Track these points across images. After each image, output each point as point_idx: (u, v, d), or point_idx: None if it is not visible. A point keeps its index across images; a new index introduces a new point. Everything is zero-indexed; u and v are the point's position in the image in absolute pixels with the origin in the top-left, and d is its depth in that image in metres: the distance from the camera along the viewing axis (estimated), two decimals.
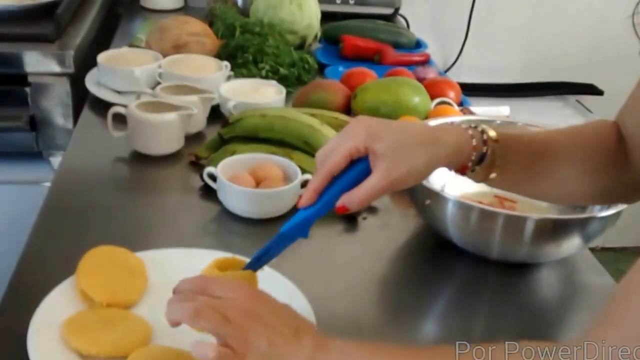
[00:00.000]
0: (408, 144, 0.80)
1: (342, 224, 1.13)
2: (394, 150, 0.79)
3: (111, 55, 1.49)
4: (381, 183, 0.79)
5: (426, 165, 0.81)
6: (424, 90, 1.36)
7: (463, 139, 0.84)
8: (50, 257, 0.99)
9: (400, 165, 0.79)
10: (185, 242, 1.01)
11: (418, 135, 0.82)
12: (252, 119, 1.23)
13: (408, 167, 0.80)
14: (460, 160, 0.84)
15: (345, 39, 1.74)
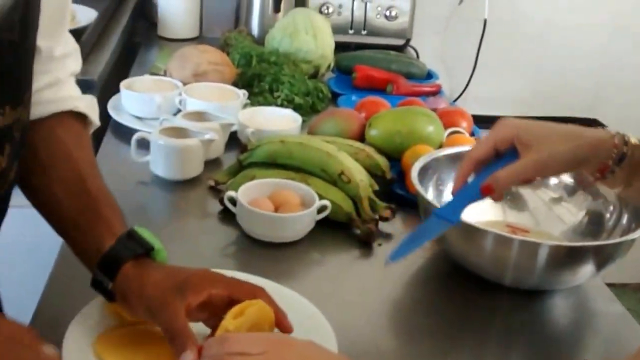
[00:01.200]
0: (553, 134, 0.86)
1: (357, 249, 1.15)
2: (539, 138, 0.85)
3: (133, 82, 1.54)
4: (526, 165, 0.84)
5: (569, 152, 0.85)
6: (437, 120, 1.38)
7: (605, 135, 0.87)
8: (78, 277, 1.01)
9: (544, 150, 0.85)
10: (206, 265, 1.01)
11: (562, 128, 0.87)
12: (271, 145, 1.26)
13: (552, 151, 0.85)
14: (601, 156, 0.86)
15: (358, 69, 1.78)
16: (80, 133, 0.98)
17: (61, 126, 0.94)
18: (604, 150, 0.87)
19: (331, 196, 1.18)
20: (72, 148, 0.93)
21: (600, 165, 0.87)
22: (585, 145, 0.86)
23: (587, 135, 0.87)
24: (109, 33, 1.87)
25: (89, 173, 0.92)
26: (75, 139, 0.95)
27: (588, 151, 0.86)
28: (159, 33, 2.07)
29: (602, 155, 0.87)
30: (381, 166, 1.31)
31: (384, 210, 1.21)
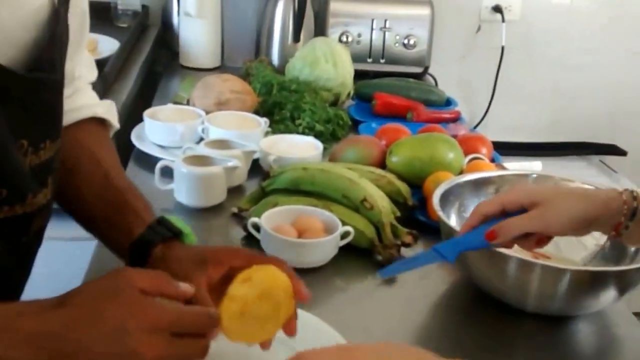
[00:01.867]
0: (562, 194, 0.88)
1: None
2: (548, 197, 0.87)
3: (156, 111, 1.56)
4: (531, 217, 0.86)
5: (578, 210, 0.87)
6: (458, 146, 1.39)
7: (614, 193, 0.89)
8: None
9: (552, 207, 0.86)
10: None
11: (572, 189, 0.90)
12: (294, 172, 1.27)
13: (560, 208, 0.86)
14: (612, 216, 0.87)
15: (378, 97, 1.80)
16: (102, 136, 1.02)
17: (83, 131, 0.98)
18: (614, 208, 0.88)
19: (354, 222, 1.19)
20: (96, 150, 0.97)
21: (613, 223, 0.88)
22: (595, 204, 0.88)
23: (597, 195, 0.89)
24: (131, 63, 1.90)
25: (114, 171, 0.96)
26: (97, 142, 0.99)
27: (598, 210, 0.88)
28: (181, 62, 2.10)
29: (613, 213, 0.88)
30: (403, 193, 1.31)
31: (406, 236, 1.21)
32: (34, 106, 0.76)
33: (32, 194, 0.77)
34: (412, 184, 1.35)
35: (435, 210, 1.11)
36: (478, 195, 1.22)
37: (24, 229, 0.79)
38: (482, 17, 2.48)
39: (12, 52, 0.74)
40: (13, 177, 0.73)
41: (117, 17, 2.12)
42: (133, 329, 0.65)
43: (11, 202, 0.74)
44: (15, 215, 0.75)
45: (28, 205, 0.76)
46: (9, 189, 0.73)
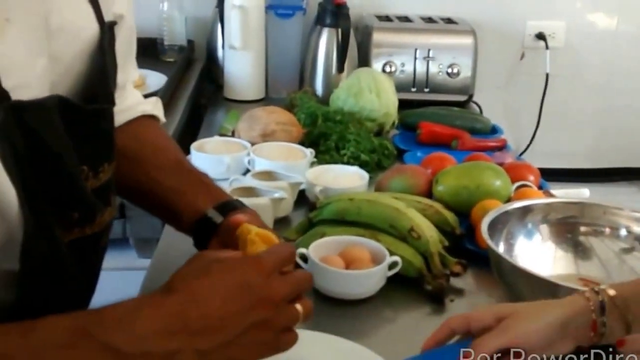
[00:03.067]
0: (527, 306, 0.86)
1: (429, 306, 1.15)
2: (514, 311, 0.85)
3: (203, 144, 1.58)
4: (502, 330, 0.83)
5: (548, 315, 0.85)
6: (504, 174, 1.38)
7: (575, 295, 0.87)
8: None
9: (521, 319, 0.84)
10: None
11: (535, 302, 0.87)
12: (340, 203, 1.27)
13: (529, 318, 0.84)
14: (582, 314, 0.85)
15: (423, 126, 1.79)
16: (157, 128, 1.08)
17: (139, 127, 1.03)
18: (581, 306, 0.86)
19: (401, 252, 1.19)
20: (158, 140, 1.04)
21: (588, 323, 0.85)
22: (563, 307, 0.86)
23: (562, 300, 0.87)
24: (178, 96, 1.94)
25: (183, 157, 1.03)
26: (156, 133, 1.05)
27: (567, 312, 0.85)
28: (225, 95, 2.12)
29: (582, 311, 0.85)
30: (450, 222, 1.30)
31: (455, 266, 1.20)
32: (92, 134, 0.79)
33: (100, 214, 0.80)
34: (460, 213, 1.34)
35: (484, 237, 1.10)
36: (525, 223, 1.21)
37: (93, 249, 0.82)
38: (526, 44, 2.46)
39: (71, 83, 0.78)
40: (82, 200, 0.77)
41: (163, 52, 2.16)
42: (254, 279, 0.68)
43: (82, 223, 0.77)
44: (85, 236, 0.79)
45: (97, 225, 0.80)
46: (80, 212, 0.76)
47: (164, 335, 0.64)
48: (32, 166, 0.69)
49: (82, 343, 0.63)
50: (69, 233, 0.76)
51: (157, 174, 0.99)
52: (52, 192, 0.72)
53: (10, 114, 0.67)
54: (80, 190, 0.76)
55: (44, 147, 0.71)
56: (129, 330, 0.64)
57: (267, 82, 2.14)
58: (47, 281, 0.73)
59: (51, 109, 0.72)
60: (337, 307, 1.13)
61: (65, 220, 0.75)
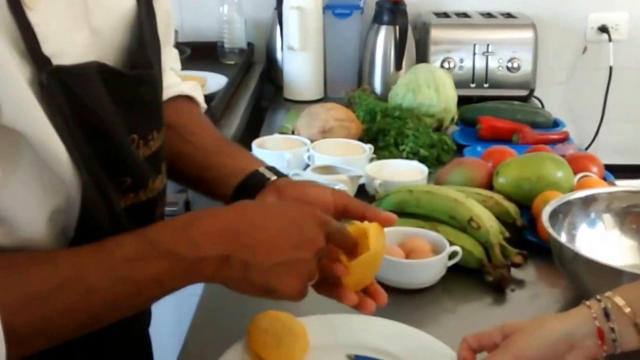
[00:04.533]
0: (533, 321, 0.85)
1: (490, 296, 1.15)
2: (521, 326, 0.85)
3: (264, 141, 1.61)
4: (506, 346, 0.83)
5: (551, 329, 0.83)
6: (566, 165, 1.36)
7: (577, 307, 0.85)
8: (219, 320, 1.06)
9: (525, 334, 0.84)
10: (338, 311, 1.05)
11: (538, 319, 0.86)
12: (399, 195, 1.28)
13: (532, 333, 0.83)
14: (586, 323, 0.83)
15: (483, 120, 1.78)
16: (196, 111, 1.09)
17: (178, 108, 1.04)
18: (584, 314, 0.84)
19: (461, 242, 1.19)
20: (199, 119, 1.06)
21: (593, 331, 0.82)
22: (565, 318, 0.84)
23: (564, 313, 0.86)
24: (238, 98, 1.97)
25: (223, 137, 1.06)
26: (195, 113, 1.08)
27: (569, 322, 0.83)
28: (285, 96, 2.15)
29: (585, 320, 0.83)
30: (511, 213, 1.30)
31: (516, 256, 1.20)
32: (138, 102, 0.82)
33: (152, 180, 0.83)
34: (521, 205, 1.33)
35: (545, 227, 1.09)
36: (588, 213, 1.19)
37: (149, 215, 0.85)
38: (588, 37, 2.42)
39: (112, 53, 0.81)
40: (133, 166, 0.79)
41: (224, 55, 2.20)
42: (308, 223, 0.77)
43: (135, 188, 0.80)
44: (140, 202, 0.82)
45: (150, 191, 0.83)
46: (132, 177, 0.79)
47: (217, 242, 0.73)
48: (83, 132, 0.72)
49: (147, 253, 0.71)
50: (124, 198, 0.80)
51: (198, 153, 1.01)
52: (103, 157, 0.75)
53: (54, 79, 0.69)
54: (130, 156, 0.79)
55: (89, 111, 0.73)
56: (187, 237, 0.72)
57: (326, 81, 2.16)
58: None
59: (92, 74, 0.74)
60: (397, 296, 1.13)
61: (119, 185, 0.78)
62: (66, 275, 0.69)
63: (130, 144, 0.80)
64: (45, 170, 0.70)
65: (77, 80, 0.72)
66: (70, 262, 0.70)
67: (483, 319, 1.10)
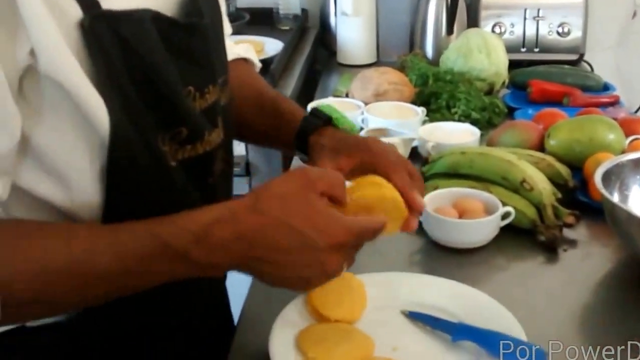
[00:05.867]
0: None
1: (542, 255, 1.17)
2: None
3: (319, 104, 1.63)
4: None
5: None
6: (618, 128, 1.38)
7: None
8: None
9: None
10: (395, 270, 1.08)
11: None
12: (452, 156, 1.31)
13: None
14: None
15: (534, 84, 1.80)
16: (249, 70, 1.14)
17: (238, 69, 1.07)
18: None
19: (514, 203, 1.22)
20: (244, 77, 1.09)
21: None
22: None
23: None
24: (294, 62, 2.02)
25: (264, 86, 1.10)
26: (245, 73, 1.11)
27: None
28: (338, 60, 2.19)
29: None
30: (563, 174, 1.32)
31: (568, 217, 1.22)
32: (192, 53, 0.82)
33: (208, 132, 0.84)
34: (572, 166, 1.35)
35: (598, 187, 1.11)
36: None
37: (207, 169, 0.87)
38: (638, 2, 2.39)
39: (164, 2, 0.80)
40: (189, 118, 0.80)
41: (279, 21, 2.25)
42: (322, 245, 0.73)
43: (192, 140, 0.81)
44: (198, 155, 0.83)
45: (206, 144, 0.84)
46: (187, 128, 0.80)
47: (229, 252, 0.72)
48: (131, 80, 0.72)
49: (160, 253, 0.71)
50: (181, 150, 0.80)
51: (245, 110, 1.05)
52: (155, 107, 0.75)
53: (103, 23, 0.68)
54: (185, 107, 0.79)
55: (140, 60, 0.72)
56: (201, 243, 0.71)
57: (379, 46, 2.19)
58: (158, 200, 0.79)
59: (146, 22, 0.73)
60: (451, 255, 1.17)
61: (175, 136, 0.79)
62: (76, 256, 0.69)
63: (186, 96, 0.80)
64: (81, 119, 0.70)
65: (128, 26, 0.71)
66: (83, 243, 0.71)
67: (535, 277, 1.13)
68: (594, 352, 0.95)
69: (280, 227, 0.72)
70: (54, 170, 0.73)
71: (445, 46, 1.93)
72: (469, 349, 0.91)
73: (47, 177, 0.73)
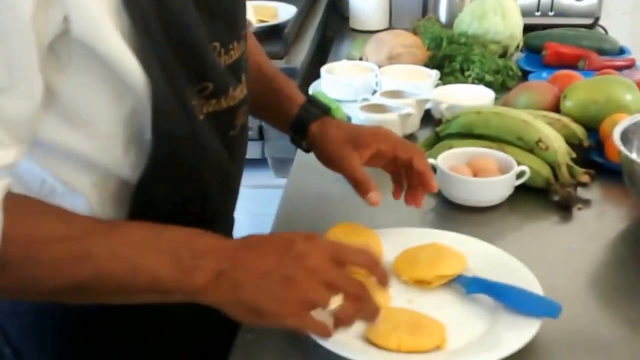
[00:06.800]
0: None
1: (556, 214, 1.17)
2: None
3: (332, 67, 1.64)
4: None
5: None
6: (636, 88, 1.36)
7: None
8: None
9: None
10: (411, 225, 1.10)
11: None
12: (467, 116, 1.30)
13: None
14: None
15: (549, 47, 1.78)
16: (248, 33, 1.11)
17: None
18: None
19: (529, 162, 1.21)
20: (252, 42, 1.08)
21: None
22: None
23: None
24: (307, 26, 2.01)
25: (262, 59, 1.11)
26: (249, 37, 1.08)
27: None
28: (351, 26, 2.18)
29: None
30: (578, 134, 1.31)
31: (583, 176, 1.22)
32: (219, 10, 0.84)
33: (232, 88, 0.87)
34: (587, 128, 1.35)
35: (616, 145, 1.10)
36: None
37: (230, 122, 0.90)
38: None
39: None
40: (215, 73, 0.83)
41: None
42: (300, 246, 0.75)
43: (217, 95, 0.84)
44: (222, 109, 0.86)
45: (230, 99, 0.87)
46: (214, 83, 0.83)
47: (214, 255, 0.74)
48: (166, 37, 0.75)
49: (151, 242, 0.74)
50: (206, 104, 0.83)
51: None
52: (185, 63, 0.78)
53: None
54: (212, 63, 0.83)
55: (173, 16, 0.75)
56: (192, 246, 0.74)
57: (391, 11, 2.17)
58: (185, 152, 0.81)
59: None
60: (465, 214, 1.18)
61: (201, 90, 0.82)
62: (71, 233, 0.72)
63: (212, 51, 0.83)
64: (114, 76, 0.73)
65: None
66: (80, 225, 0.73)
67: (549, 236, 1.13)
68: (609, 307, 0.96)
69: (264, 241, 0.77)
70: (79, 120, 0.75)
71: (459, 10, 1.90)
72: (483, 302, 0.91)
73: (72, 127, 0.76)
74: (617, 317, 0.94)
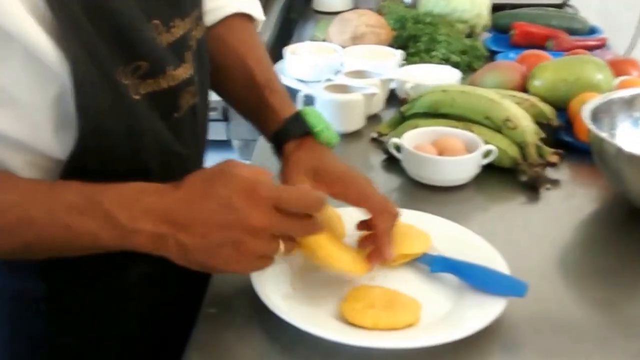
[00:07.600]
0: None
1: (524, 195, 1.14)
2: None
3: (296, 48, 1.60)
4: None
5: None
6: (606, 68, 1.33)
7: None
8: None
9: None
10: None
11: None
12: (433, 95, 1.26)
13: None
14: None
15: (517, 26, 1.74)
16: (248, 32, 1.07)
17: (229, 30, 1.03)
18: None
19: (496, 142, 1.17)
20: (241, 48, 1.03)
21: None
22: None
23: None
24: (269, 9, 1.96)
25: (257, 67, 1.02)
26: (243, 39, 1.04)
27: None
28: (315, 7, 2.14)
29: None
30: (547, 114, 1.28)
31: (551, 156, 1.19)
32: None
33: (173, 67, 0.82)
34: (557, 108, 1.31)
35: (586, 124, 1.06)
36: (630, 113, 1.16)
37: (173, 103, 0.85)
38: None
39: None
40: (150, 52, 0.79)
41: None
42: (240, 203, 0.72)
43: (154, 74, 0.80)
44: (162, 89, 0.82)
45: (170, 78, 0.82)
46: (149, 62, 0.79)
47: (155, 221, 0.73)
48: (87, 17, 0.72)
49: (90, 207, 0.73)
50: (144, 84, 0.79)
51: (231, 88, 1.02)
52: (112, 40, 0.75)
53: None
54: (145, 40, 0.78)
55: None
56: (130, 207, 0.73)
57: None
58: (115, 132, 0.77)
59: None
60: (430, 193, 1.14)
61: (136, 70, 0.78)
62: (11, 199, 0.73)
63: (148, 29, 0.79)
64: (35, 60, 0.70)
65: None
66: (20, 189, 0.74)
67: (516, 217, 1.10)
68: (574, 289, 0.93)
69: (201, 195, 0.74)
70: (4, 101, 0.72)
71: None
72: (448, 281, 0.88)
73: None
74: (583, 298, 0.92)
